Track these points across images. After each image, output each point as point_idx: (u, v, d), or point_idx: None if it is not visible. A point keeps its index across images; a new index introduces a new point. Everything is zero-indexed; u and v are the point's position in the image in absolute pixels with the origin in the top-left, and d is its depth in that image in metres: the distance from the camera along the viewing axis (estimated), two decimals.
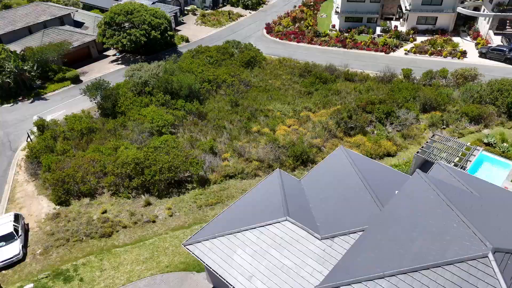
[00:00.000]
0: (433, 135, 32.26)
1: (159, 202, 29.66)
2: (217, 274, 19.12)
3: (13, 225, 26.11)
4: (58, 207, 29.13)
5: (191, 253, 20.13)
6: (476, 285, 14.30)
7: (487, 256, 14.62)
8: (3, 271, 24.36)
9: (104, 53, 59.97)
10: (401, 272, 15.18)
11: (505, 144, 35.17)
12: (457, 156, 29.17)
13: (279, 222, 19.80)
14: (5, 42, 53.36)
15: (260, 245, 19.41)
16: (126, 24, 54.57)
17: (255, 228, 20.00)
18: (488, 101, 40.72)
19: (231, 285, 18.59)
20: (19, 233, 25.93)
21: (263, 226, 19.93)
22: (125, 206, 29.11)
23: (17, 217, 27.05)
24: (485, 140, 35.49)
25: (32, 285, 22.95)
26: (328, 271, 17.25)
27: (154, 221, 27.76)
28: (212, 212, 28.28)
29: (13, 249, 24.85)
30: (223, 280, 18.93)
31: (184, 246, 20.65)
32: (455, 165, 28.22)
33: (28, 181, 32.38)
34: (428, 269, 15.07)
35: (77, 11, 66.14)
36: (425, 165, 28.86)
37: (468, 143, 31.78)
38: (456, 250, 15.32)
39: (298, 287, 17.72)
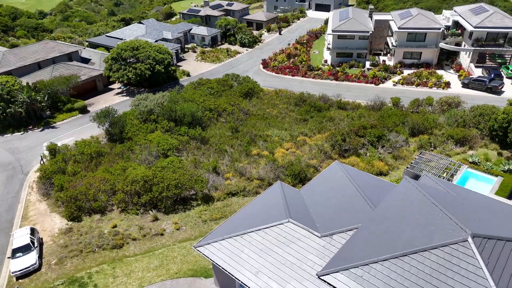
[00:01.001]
0: (421, 152, 34.80)
1: (166, 217, 31.35)
2: (226, 271, 20.72)
3: (30, 237, 27.61)
4: (70, 222, 30.70)
5: (202, 253, 21.79)
6: (458, 265, 16.22)
7: (467, 240, 16.66)
8: (20, 280, 25.61)
9: (109, 87, 63.25)
10: (393, 256, 17.10)
11: (488, 163, 37.73)
12: (444, 170, 31.55)
13: (282, 224, 21.72)
14: (16, 76, 56.34)
15: (265, 244, 21.20)
16: (132, 59, 58.13)
17: (260, 229, 21.85)
18: (472, 125, 43.74)
19: (239, 280, 20.18)
20: (35, 245, 27.39)
21: (267, 227, 21.81)
22: (134, 221, 30.75)
23: (32, 231, 28.60)
24: (470, 159, 38.04)
25: None
26: None
27: (162, 234, 29.35)
28: (216, 226, 29.87)
29: (30, 259, 26.24)
30: (231, 276, 20.52)
31: (195, 248, 22.34)
32: (442, 178, 30.53)
33: (41, 201, 34.02)
34: (416, 253, 17.01)
35: (84, 48, 70.13)
36: (415, 179, 31.09)
37: (454, 161, 34.30)
38: (440, 237, 17.33)
39: (300, 279, 19.39)
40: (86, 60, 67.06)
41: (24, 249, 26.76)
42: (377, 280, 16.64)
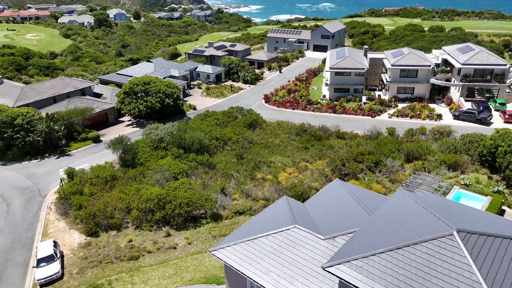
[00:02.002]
0: (415, 173, 37.41)
1: (178, 233, 33.41)
2: (239, 271, 22.73)
3: (53, 249, 29.61)
4: (89, 238, 32.71)
5: (216, 256, 23.85)
6: (446, 255, 18.45)
7: (453, 234, 19.00)
8: (44, 287, 27.36)
9: (120, 119, 66.74)
10: (388, 249, 19.33)
11: (479, 184, 40.25)
12: (436, 189, 34.04)
13: (289, 229, 24.00)
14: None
15: (274, 247, 23.36)
16: (143, 93, 61.98)
17: (269, 234, 24.08)
18: (463, 152, 46.65)
19: (251, 279, 22.16)
20: (58, 256, 29.33)
21: (275, 232, 24.05)
22: (148, 237, 32.77)
23: (55, 243, 30.65)
24: (462, 182, 40.57)
25: None
26: None
27: (175, 248, 31.32)
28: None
29: (54, 268, 28.13)
30: (243, 275, 22.50)
31: (210, 252, 24.39)
32: None
33: (59, 219, 36.12)
34: (409, 246, 19.26)
35: (97, 84, 74.42)
36: None
37: (446, 181, 36.85)
38: (429, 233, 19.66)
39: (307, 276, 21.43)
40: (98, 95, 71.04)
41: (48, 259, 28.72)
42: (375, 270, 18.79)
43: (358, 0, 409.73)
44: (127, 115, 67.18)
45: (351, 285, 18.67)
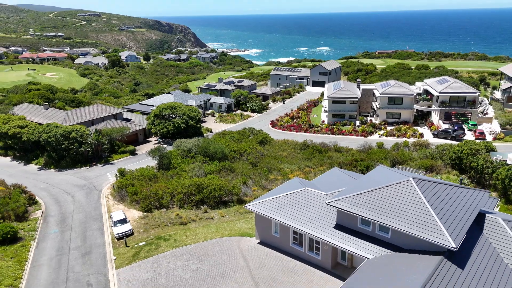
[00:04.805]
0: (395, 166, 47.76)
1: (213, 211, 43.21)
2: (267, 216, 32.63)
3: (124, 214, 39.50)
4: (145, 213, 42.45)
5: (250, 209, 33.82)
6: (405, 191, 28.64)
7: (410, 179, 29.32)
8: (121, 240, 36.89)
9: (147, 139, 77.62)
10: (368, 190, 29.56)
11: (448, 180, 50.51)
12: None
13: (301, 190, 34.19)
14: None
15: (290, 201, 33.43)
16: (170, 116, 73.31)
17: (286, 194, 34.23)
18: (437, 158, 57.24)
19: (275, 219, 32.03)
20: (127, 220, 39.11)
21: (291, 193, 34.21)
22: (190, 213, 42.57)
23: (123, 213, 40.50)
24: (435, 178, 50.82)
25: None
26: None
27: (212, 218, 41.07)
28: (251, 215, 41.73)
29: (127, 226, 37.85)
30: (269, 218, 32.37)
31: (246, 207, 34.41)
32: None
33: (118, 204, 45.92)
34: (381, 188, 29.51)
35: (126, 111, 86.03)
36: None
37: (420, 171, 47.20)
38: (395, 180, 29.95)
39: (315, 215, 31.37)
40: (127, 120, 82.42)
41: (121, 222, 38.48)
42: (359, 202, 28.90)
43: (352, 44, 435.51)
44: (153, 136, 78.11)
45: (345, 211, 28.79)
